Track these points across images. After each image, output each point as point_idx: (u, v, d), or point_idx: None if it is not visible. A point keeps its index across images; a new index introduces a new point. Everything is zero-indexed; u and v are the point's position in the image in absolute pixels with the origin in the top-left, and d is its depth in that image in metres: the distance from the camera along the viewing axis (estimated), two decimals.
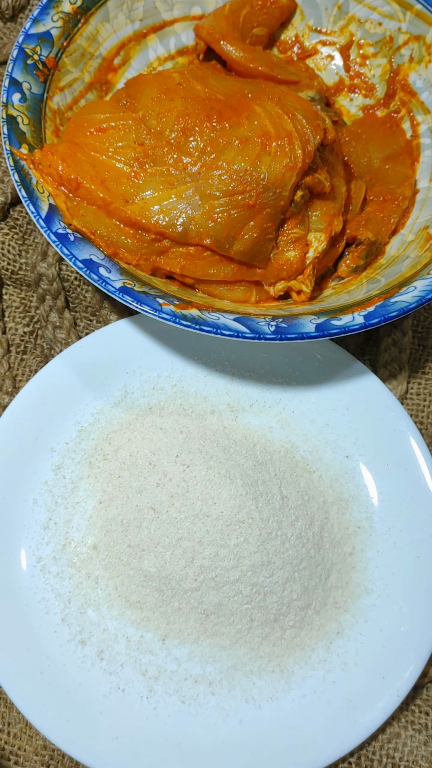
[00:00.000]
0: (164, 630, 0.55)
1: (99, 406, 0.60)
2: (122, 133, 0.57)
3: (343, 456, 0.60)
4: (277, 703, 0.54)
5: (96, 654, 0.55)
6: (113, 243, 0.56)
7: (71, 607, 0.56)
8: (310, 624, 0.56)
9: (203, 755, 0.53)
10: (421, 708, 0.57)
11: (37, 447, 0.59)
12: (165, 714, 0.54)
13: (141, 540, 0.55)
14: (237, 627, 0.55)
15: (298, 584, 0.55)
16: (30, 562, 0.56)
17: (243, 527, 0.55)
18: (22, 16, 0.76)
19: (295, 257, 0.59)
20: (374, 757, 0.56)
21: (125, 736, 0.53)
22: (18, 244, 0.68)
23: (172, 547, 0.55)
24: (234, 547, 0.54)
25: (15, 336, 0.65)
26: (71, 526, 0.57)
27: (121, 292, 0.53)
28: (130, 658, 0.55)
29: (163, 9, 0.69)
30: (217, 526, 0.55)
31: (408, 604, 0.56)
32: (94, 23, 0.65)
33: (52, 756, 0.55)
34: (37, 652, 0.54)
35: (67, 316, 0.65)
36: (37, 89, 0.61)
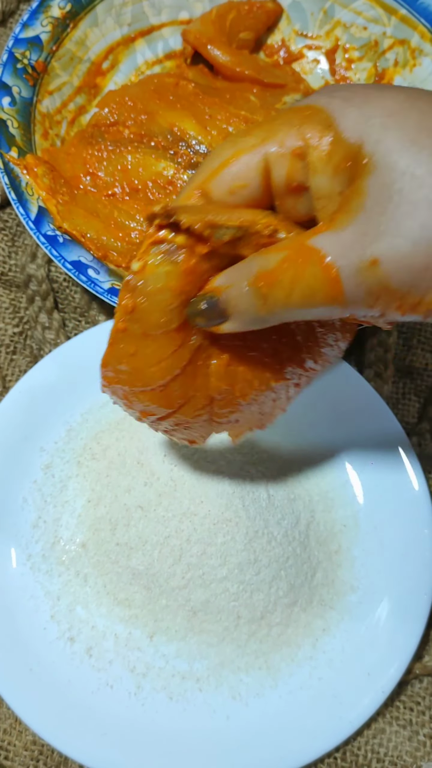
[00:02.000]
0: (152, 627, 0.56)
1: (88, 406, 0.61)
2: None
3: (329, 455, 0.60)
4: (263, 699, 0.55)
5: (85, 651, 0.55)
6: (103, 246, 0.57)
7: (60, 605, 0.56)
8: (296, 621, 0.56)
9: (191, 751, 0.53)
10: (405, 704, 0.58)
11: (27, 446, 0.59)
12: (153, 710, 0.54)
13: (129, 538, 0.56)
14: (224, 624, 0.55)
15: (285, 582, 0.56)
16: (19, 561, 0.57)
17: (230, 525, 0.55)
18: (11, 21, 0.77)
19: None
20: (359, 753, 0.56)
21: (114, 731, 0.53)
22: (8, 245, 0.69)
23: (159, 545, 0.55)
24: (221, 545, 0.55)
25: (4, 336, 0.66)
26: (60, 524, 0.58)
27: (109, 293, 0.53)
28: (118, 655, 0.55)
29: (151, 14, 0.69)
30: (204, 524, 0.55)
31: (393, 601, 0.56)
32: (82, 28, 0.65)
33: (42, 751, 0.56)
34: (27, 649, 0.55)
35: (56, 317, 0.66)
36: (26, 93, 0.61)
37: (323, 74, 0.72)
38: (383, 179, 0.31)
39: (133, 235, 0.58)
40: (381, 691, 0.54)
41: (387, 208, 0.31)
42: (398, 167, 0.31)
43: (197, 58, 0.70)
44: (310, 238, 0.33)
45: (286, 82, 0.68)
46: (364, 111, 0.32)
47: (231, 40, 0.69)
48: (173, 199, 0.41)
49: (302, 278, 0.33)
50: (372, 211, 0.31)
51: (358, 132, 0.32)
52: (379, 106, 0.32)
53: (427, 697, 0.58)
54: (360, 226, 0.31)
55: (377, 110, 0.32)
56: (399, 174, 0.30)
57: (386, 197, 0.31)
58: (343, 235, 0.32)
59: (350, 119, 0.33)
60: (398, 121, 0.31)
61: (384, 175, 0.31)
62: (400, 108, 0.32)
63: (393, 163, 0.31)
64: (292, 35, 0.73)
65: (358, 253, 0.31)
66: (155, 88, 0.62)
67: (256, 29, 0.70)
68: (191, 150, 0.58)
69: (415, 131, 0.31)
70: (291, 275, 0.33)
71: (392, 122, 0.31)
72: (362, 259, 0.31)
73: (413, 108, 0.32)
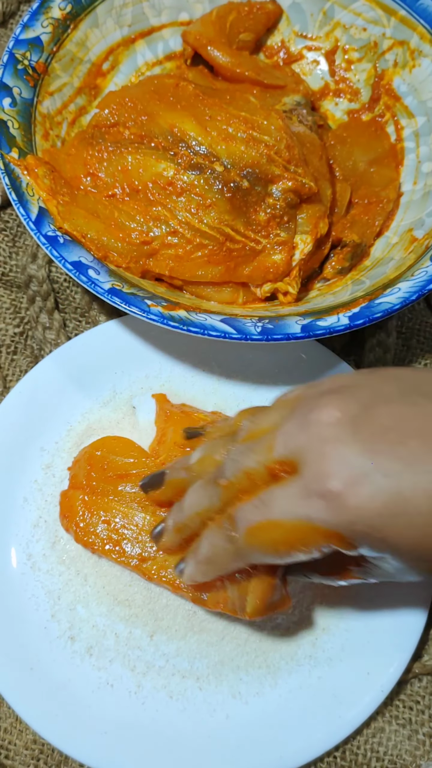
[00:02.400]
0: (152, 626, 0.56)
1: (88, 406, 0.61)
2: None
3: None
4: (263, 698, 0.55)
5: (85, 650, 0.55)
6: (103, 246, 0.57)
7: (61, 604, 0.56)
8: (296, 619, 0.57)
9: (191, 749, 0.53)
10: (405, 703, 0.58)
11: (28, 446, 0.59)
12: (153, 709, 0.54)
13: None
14: (223, 623, 0.55)
15: None
16: (20, 560, 0.57)
17: None
18: (12, 22, 0.77)
19: (282, 260, 0.60)
20: (359, 752, 0.56)
21: (114, 730, 0.53)
22: (8, 246, 0.69)
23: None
24: None
25: (5, 337, 0.66)
26: (61, 524, 0.58)
27: (109, 294, 0.53)
28: (119, 654, 0.55)
29: (151, 15, 0.70)
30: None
31: (393, 601, 0.56)
32: (83, 29, 0.66)
33: (42, 750, 0.56)
34: (28, 648, 0.55)
35: (57, 317, 0.66)
36: (27, 94, 0.61)
37: (323, 75, 0.72)
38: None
39: (134, 236, 0.58)
40: (380, 690, 0.54)
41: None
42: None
43: (197, 59, 0.70)
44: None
45: (286, 83, 0.68)
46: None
47: (231, 41, 0.69)
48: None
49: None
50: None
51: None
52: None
53: (426, 696, 0.58)
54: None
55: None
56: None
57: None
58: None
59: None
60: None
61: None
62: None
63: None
64: (291, 36, 0.73)
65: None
66: (155, 89, 0.62)
67: (256, 30, 0.70)
68: (191, 151, 0.58)
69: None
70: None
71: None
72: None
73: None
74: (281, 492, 0.41)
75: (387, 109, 0.69)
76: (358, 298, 0.56)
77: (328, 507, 0.38)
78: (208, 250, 0.59)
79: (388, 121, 0.69)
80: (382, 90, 0.69)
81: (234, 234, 0.58)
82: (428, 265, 0.56)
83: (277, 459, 0.41)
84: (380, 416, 0.39)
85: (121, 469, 0.56)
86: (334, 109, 0.72)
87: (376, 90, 0.70)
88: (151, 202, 0.59)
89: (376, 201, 0.65)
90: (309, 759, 0.53)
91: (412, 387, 0.41)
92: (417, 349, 0.68)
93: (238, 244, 0.59)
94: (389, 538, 0.38)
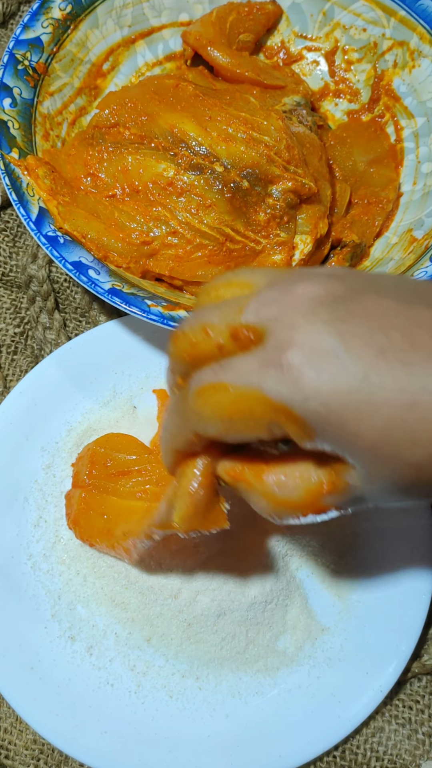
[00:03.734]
0: (148, 632, 0.56)
1: (88, 406, 0.61)
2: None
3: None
4: (263, 697, 0.55)
5: (85, 650, 0.55)
6: (104, 246, 0.57)
7: (61, 604, 0.56)
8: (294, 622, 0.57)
9: (191, 749, 0.53)
10: (404, 702, 0.58)
11: (28, 446, 0.59)
12: (153, 708, 0.54)
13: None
14: (221, 635, 0.55)
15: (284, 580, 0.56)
16: (20, 560, 0.57)
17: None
18: (12, 22, 0.77)
19: (281, 260, 0.60)
20: (358, 751, 0.57)
21: (114, 730, 0.53)
22: (9, 246, 0.69)
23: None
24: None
25: (6, 337, 0.66)
26: (61, 524, 0.58)
27: (110, 294, 0.54)
28: (119, 653, 0.55)
29: (151, 15, 0.70)
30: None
31: (392, 600, 0.56)
32: (83, 29, 0.66)
33: (42, 750, 0.56)
34: (28, 648, 0.55)
35: (57, 318, 0.66)
36: (27, 94, 0.61)
37: (322, 75, 0.72)
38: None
39: (134, 236, 0.58)
40: (380, 689, 0.54)
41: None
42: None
43: (197, 60, 0.70)
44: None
45: (286, 83, 0.68)
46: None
47: (231, 42, 0.69)
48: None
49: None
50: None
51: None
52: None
53: (426, 695, 0.58)
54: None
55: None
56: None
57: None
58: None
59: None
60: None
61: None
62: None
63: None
64: (291, 37, 0.73)
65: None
66: (155, 89, 0.62)
67: (255, 31, 0.70)
68: (191, 151, 0.58)
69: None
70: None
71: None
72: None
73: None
74: (240, 359, 0.36)
75: (387, 109, 0.69)
76: None
77: (283, 378, 0.34)
78: (208, 250, 0.59)
79: (387, 122, 0.69)
80: (382, 90, 0.69)
81: (234, 234, 0.59)
82: (428, 265, 0.56)
83: (243, 323, 0.37)
84: (366, 303, 0.35)
85: (123, 466, 0.56)
86: (334, 110, 0.72)
87: (376, 90, 0.70)
88: (151, 202, 0.59)
89: (376, 201, 0.65)
90: (309, 758, 0.53)
91: (414, 291, 0.37)
92: None
93: (238, 245, 0.59)
94: (348, 427, 0.34)
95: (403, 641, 0.55)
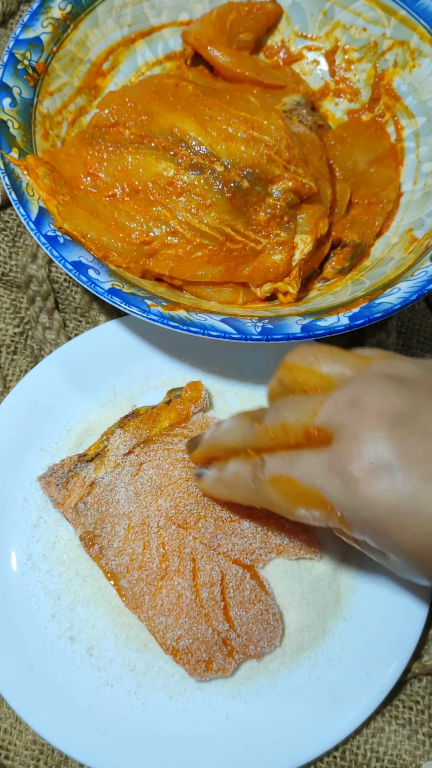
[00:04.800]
0: (144, 638, 0.56)
1: (88, 406, 0.61)
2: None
3: None
4: (263, 698, 0.55)
5: (85, 650, 0.55)
6: (103, 246, 0.57)
7: (61, 604, 0.56)
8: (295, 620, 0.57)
9: (190, 750, 0.53)
10: (405, 703, 0.58)
11: (28, 447, 0.59)
12: (153, 709, 0.54)
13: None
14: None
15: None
16: (20, 560, 0.57)
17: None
18: (12, 22, 0.77)
19: (282, 260, 0.60)
20: (359, 752, 0.56)
21: (114, 730, 0.53)
22: (8, 246, 0.69)
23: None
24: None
25: (5, 337, 0.66)
26: (61, 524, 0.58)
27: (109, 294, 0.53)
28: (118, 654, 0.55)
29: (151, 14, 0.70)
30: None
31: (392, 601, 0.56)
32: (83, 29, 0.66)
33: (42, 750, 0.56)
34: (28, 649, 0.55)
35: (57, 317, 0.66)
36: (27, 94, 0.61)
37: (323, 75, 0.72)
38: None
39: (134, 236, 0.58)
40: (380, 690, 0.54)
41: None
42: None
43: (197, 59, 0.70)
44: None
45: (286, 83, 0.68)
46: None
47: (231, 41, 0.69)
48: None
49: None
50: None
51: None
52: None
53: (426, 696, 0.58)
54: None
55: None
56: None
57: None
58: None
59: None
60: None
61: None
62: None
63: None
64: (291, 36, 0.73)
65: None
66: (155, 89, 0.62)
67: (256, 30, 0.70)
68: (191, 151, 0.58)
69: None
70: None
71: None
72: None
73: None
74: (309, 457, 0.42)
75: (387, 109, 0.69)
76: (358, 298, 0.56)
77: (341, 487, 0.39)
78: (208, 250, 0.59)
79: (388, 121, 0.69)
80: (382, 90, 0.69)
81: (234, 234, 0.58)
82: (428, 265, 0.56)
83: (316, 425, 0.42)
84: (426, 420, 0.40)
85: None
86: (334, 109, 0.72)
87: (376, 90, 0.70)
88: (151, 202, 0.59)
89: (376, 201, 0.65)
90: (309, 759, 0.53)
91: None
92: (417, 349, 0.68)
93: (238, 244, 0.59)
94: (392, 536, 0.39)
95: (403, 641, 0.55)
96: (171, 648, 0.53)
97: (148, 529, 0.56)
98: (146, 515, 0.56)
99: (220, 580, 0.55)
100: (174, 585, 0.55)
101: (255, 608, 0.55)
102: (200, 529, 0.56)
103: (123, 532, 0.56)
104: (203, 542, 0.56)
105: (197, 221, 0.58)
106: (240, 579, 0.55)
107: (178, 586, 0.55)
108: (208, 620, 0.54)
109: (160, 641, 0.54)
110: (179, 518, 0.56)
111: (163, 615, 0.54)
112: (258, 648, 0.54)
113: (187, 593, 0.54)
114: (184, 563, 0.55)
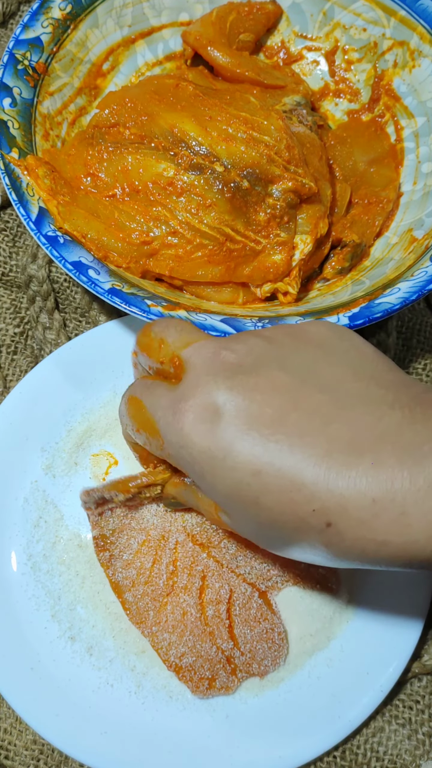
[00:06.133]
0: (141, 645, 0.56)
1: (88, 406, 0.61)
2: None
3: None
4: (263, 698, 0.55)
5: (85, 650, 0.55)
6: (104, 246, 0.57)
7: (61, 604, 0.56)
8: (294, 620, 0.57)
9: (191, 749, 0.53)
10: (404, 703, 0.58)
11: (28, 447, 0.59)
12: (153, 708, 0.54)
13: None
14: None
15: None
16: (20, 560, 0.57)
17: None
18: (12, 22, 0.77)
19: (282, 260, 0.60)
20: (359, 751, 0.57)
21: (114, 730, 0.53)
22: (8, 246, 0.69)
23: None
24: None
25: (5, 337, 0.66)
26: (61, 524, 0.58)
27: (110, 294, 0.54)
28: (118, 653, 0.55)
29: (151, 15, 0.70)
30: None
31: (392, 601, 0.56)
32: (83, 29, 0.66)
33: (42, 750, 0.56)
34: (28, 648, 0.55)
35: (57, 317, 0.66)
36: (27, 94, 0.61)
37: (323, 75, 0.72)
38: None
39: (134, 236, 0.58)
40: (380, 689, 0.54)
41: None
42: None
43: (197, 60, 0.70)
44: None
45: (286, 83, 0.68)
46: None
47: (231, 42, 0.69)
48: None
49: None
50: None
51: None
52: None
53: (426, 695, 0.58)
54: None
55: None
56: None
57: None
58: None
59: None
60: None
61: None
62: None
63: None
64: (291, 37, 0.73)
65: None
66: (155, 89, 0.62)
67: (256, 31, 0.70)
68: (191, 151, 0.58)
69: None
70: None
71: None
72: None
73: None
74: (161, 389, 0.45)
75: (387, 109, 0.69)
76: (358, 298, 0.56)
77: (172, 422, 0.42)
78: (208, 250, 0.59)
79: (387, 122, 0.69)
80: (382, 90, 0.69)
81: (234, 234, 0.58)
82: (428, 265, 0.56)
83: (181, 356, 0.44)
84: (264, 377, 0.41)
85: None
86: (334, 110, 0.72)
87: (376, 90, 0.70)
88: (151, 202, 0.59)
89: (376, 201, 0.65)
90: (309, 759, 0.53)
91: (309, 371, 0.42)
92: (417, 349, 0.68)
93: (238, 245, 0.59)
94: (206, 477, 0.41)
95: (403, 641, 0.55)
96: (174, 665, 0.54)
97: (164, 544, 0.56)
98: (168, 530, 0.56)
99: (227, 597, 0.55)
100: (179, 602, 0.55)
101: (260, 626, 0.55)
102: (221, 549, 0.56)
103: (136, 546, 0.56)
104: (220, 561, 0.56)
105: (197, 221, 0.58)
106: (248, 597, 0.55)
107: (183, 603, 0.55)
108: (213, 638, 0.54)
109: (163, 658, 0.54)
110: (204, 536, 0.56)
111: (167, 631, 0.54)
112: (262, 667, 0.54)
113: (192, 610, 0.54)
114: (192, 580, 0.55)
